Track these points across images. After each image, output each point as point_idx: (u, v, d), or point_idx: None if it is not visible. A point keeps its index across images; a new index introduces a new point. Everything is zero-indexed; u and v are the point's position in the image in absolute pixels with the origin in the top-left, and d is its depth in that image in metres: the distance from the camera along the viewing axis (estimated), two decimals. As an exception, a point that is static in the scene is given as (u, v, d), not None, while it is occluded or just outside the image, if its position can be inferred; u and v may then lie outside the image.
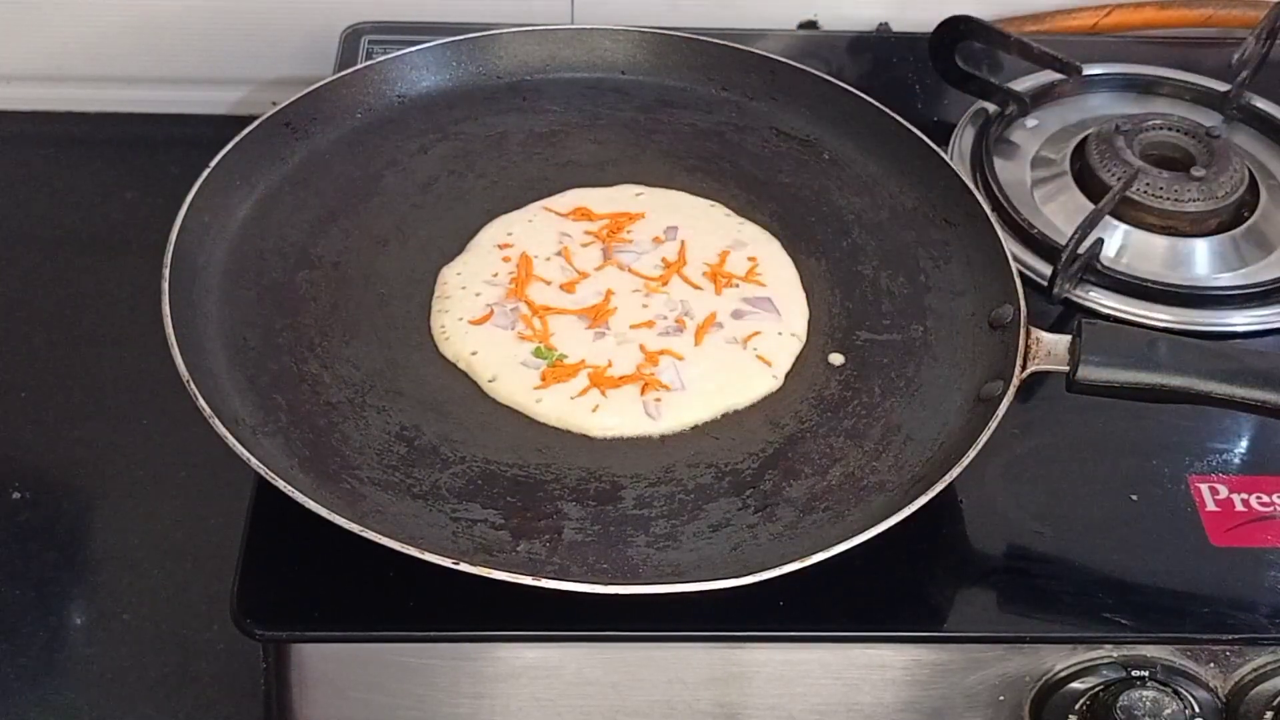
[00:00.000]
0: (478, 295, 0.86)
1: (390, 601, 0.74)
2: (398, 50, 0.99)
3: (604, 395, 0.81)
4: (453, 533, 0.74)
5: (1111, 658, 0.76)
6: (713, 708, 0.78)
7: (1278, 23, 1.07)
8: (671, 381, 0.82)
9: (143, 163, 1.15)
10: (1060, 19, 1.19)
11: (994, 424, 0.77)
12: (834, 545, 0.71)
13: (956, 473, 0.75)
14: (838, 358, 0.85)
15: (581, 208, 0.92)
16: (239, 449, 0.72)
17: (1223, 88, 1.08)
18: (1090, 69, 1.07)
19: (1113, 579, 0.78)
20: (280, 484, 0.72)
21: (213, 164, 0.88)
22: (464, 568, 0.69)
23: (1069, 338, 0.80)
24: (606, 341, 0.84)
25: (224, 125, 0.95)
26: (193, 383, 0.75)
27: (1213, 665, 0.77)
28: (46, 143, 1.18)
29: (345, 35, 1.11)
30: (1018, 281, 0.85)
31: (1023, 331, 0.81)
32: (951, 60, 1.06)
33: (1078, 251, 0.90)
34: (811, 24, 1.20)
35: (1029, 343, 0.81)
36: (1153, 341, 0.79)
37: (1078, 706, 0.76)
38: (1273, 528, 0.81)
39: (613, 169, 0.96)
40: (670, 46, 1.02)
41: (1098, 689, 0.76)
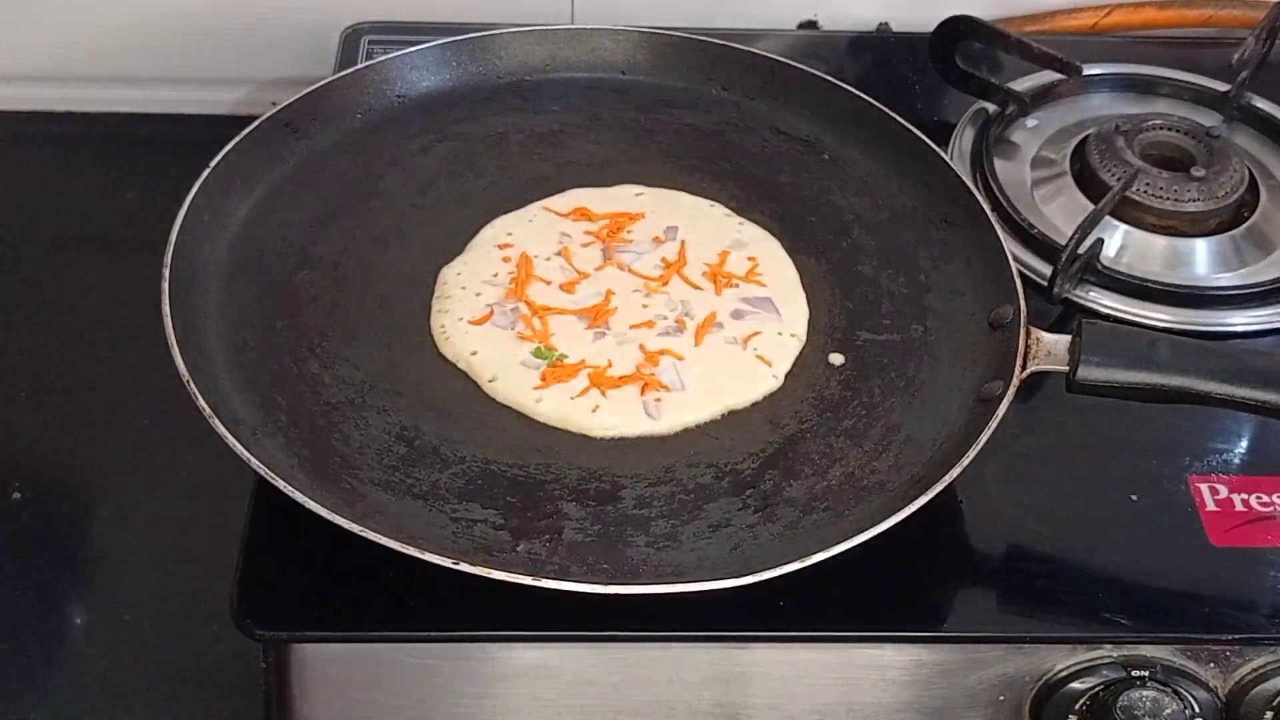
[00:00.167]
0: (478, 295, 0.86)
1: (390, 601, 0.74)
2: (398, 50, 0.99)
3: (604, 395, 0.81)
4: (453, 533, 0.74)
5: (1111, 658, 0.76)
6: (713, 708, 0.78)
7: (1278, 23, 1.07)
8: (671, 381, 0.82)
9: (143, 163, 1.15)
10: (1060, 19, 1.19)
11: (994, 424, 0.77)
12: (834, 545, 0.71)
13: (956, 473, 0.75)
14: (838, 358, 0.85)
15: (581, 208, 0.92)
16: (239, 449, 0.72)
17: (1223, 88, 1.08)
18: (1090, 69, 1.07)
19: (1113, 579, 0.78)
20: (280, 484, 0.72)
21: (213, 164, 0.88)
22: (464, 568, 0.69)
23: (1069, 338, 0.80)
24: (606, 341, 0.84)
25: (224, 125, 0.95)
26: (193, 383, 0.75)
27: (1213, 665, 0.77)
28: (46, 143, 1.18)
29: (345, 35, 1.11)
30: (1018, 281, 0.85)
31: (1023, 331, 0.81)
32: (951, 60, 1.06)
33: (1078, 251, 0.90)
34: (811, 24, 1.20)
35: (1029, 343, 0.81)
36: (1153, 341, 0.79)
37: (1078, 706, 0.76)
38: (1273, 528, 0.81)
39: (613, 169, 0.96)
40: (670, 46, 1.02)
41: (1098, 689, 0.76)
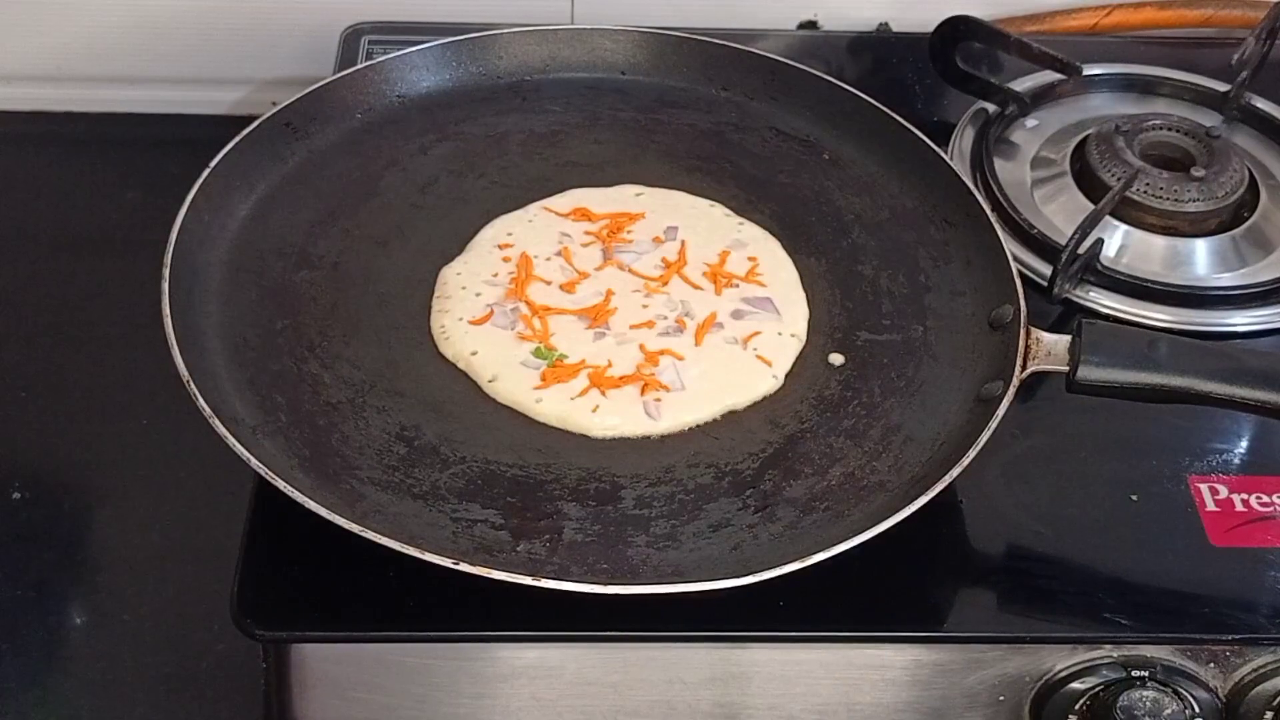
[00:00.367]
0: (478, 295, 0.86)
1: (390, 601, 0.74)
2: (398, 50, 0.99)
3: (604, 395, 0.81)
4: (453, 533, 0.74)
5: (1111, 658, 0.76)
6: (713, 708, 0.78)
7: (1278, 23, 1.07)
8: (671, 381, 0.82)
9: (143, 163, 1.15)
10: (1060, 19, 1.19)
11: (994, 424, 0.77)
12: (834, 545, 0.71)
13: (956, 473, 0.75)
14: (838, 358, 0.85)
15: (581, 208, 0.92)
16: (239, 449, 0.72)
17: (1223, 88, 1.08)
18: (1090, 69, 1.07)
19: (1113, 579, 0.78)
20: (280, 484, 0.72)
21: (213, 164, 0.88)
22: (464, 568, 0.69)
23: (1069, 338, 0.80)
24: (606, 341, 0.84)
25: (224, 125, 0.95)
26: (193, 383, 0.75)
27: (1213, 665, 0.77)
28: (46, 143, 1.18)
29: (345, 35, 1.11)
30: (1018, 281, 0.85)
31: (1023, 331, 0.81)
32: (951, 60, 1.06)
33: (1078, 251, 0.90)
34: (811, 24, 1.20)
35: (1029, 343, 0.81)
36: (1153, 341, 0.79)
37: (1078, 706, 0.76)
38: (1273, 528, 0.81)
39: (613, 169, 0.96)
40: (670, 46, 1.02)
41: (1098, 689, 0.76)
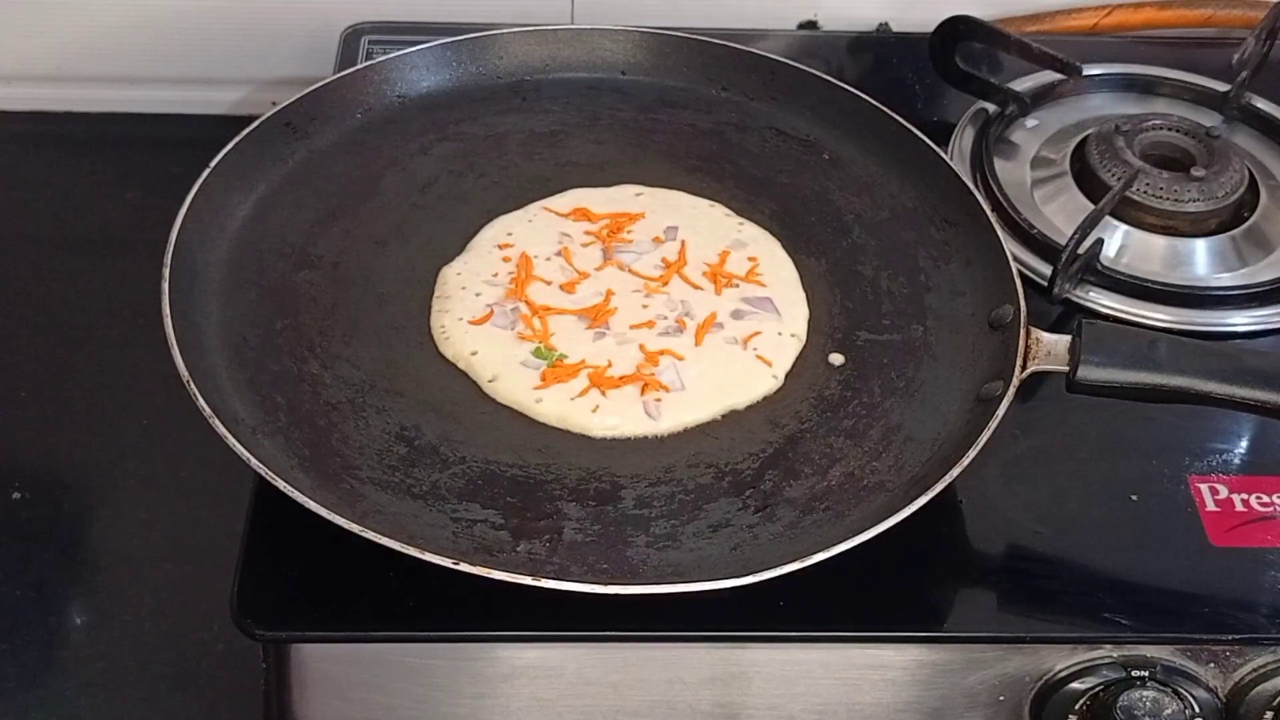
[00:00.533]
0: (478, 295, 0.86)
1: (390, 601, 0.74)
2: (398, 50, 0.99)
3: (604, 395, 0.81)
4: (453, 533, 0.74)
5: (1111, 658, 0.76)
6: (713, 708, 0.78)
7: (1278, 23, 1.07)
8: (671, 381, 0.82)
9: (143, 163, 1.15)
10: (1060, 19, 1.19)
11: (994, 424, 0.77)
12: (834, 545, 0.71)
13: (956, 473, 0.75)
14: (838, 358, 0.85)
15: (581, 208, 0.92)
16: (239, 449, 0.72)
17: (1223, 88, 1.08)
18: (1090, 69, 1.07)
19: (1113, 579, 0.78)
20: (280, 484, 0.72)
21: (213, 164, 0.88)
22: (464, 568, 0.69)
23: (1069, 338, 0.80)
24: (606, 341, 0.84)
25: (224, 125, 0.95)
26: (193, 383, 0.75)
27: (1213, 665, 0.77)
28: (46, 143, 1.18)
29: (345, 35, 1.11)
30: (1018, 281, 0.85)
31: (1023, 331, 0.81)
32: (951, 60, 1.06)
33: (1078, 251, 0.90)
34: (811, 24, 1.20)
35: (1029, 343, 0.81)
36: (1153, 341, 0.79)
37: (1078, 706, 0.76)
38: (1273, 528, 0.81)
39: (613, 169, 0.96)
40: (670, 46, 1.02)
41: (1098, 689, 0.76)
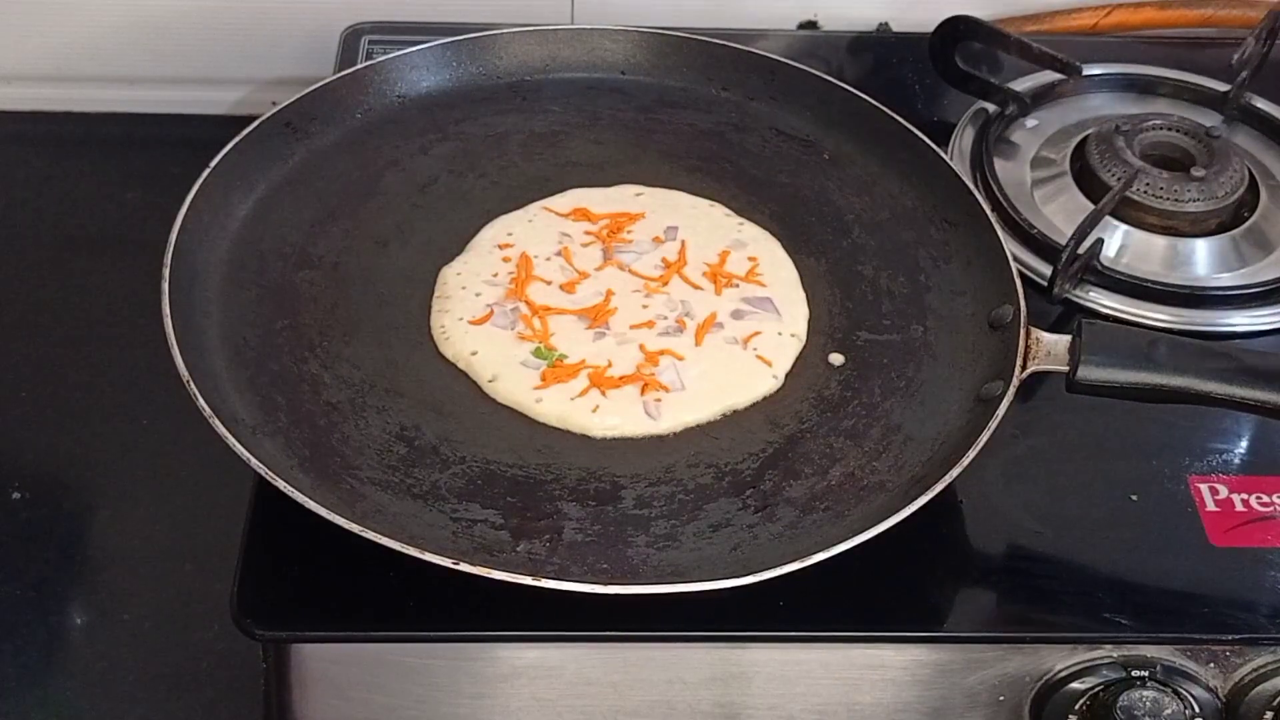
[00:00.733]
0: (478, 295, 0.86)
1: (390, 601, 0.74)
2: (398, 50, 0.99)
3: (604, 395, 0.81)
4: (453, 533, 0.74)
5: (1111, 658, 0.76)
6: (713, 708, 0.78)
7: (1278, 23, 1.07)
8: (671, 382, 0.82)
9: (143, 163, 1.15)
10: (1060, 19, 1.19)
11: (994, 424, 0.77)
12: (834, 545, 0.71)
13: (956, 473, 0.75)
14: (838, 358, 0.85)
15: (581, 208, 0.92)
16: (239, 449, 0.72)
17: (1223, 88, 1.08)
18: (1090, 69, 1.07)
19: (1113, 579, 0.78)
20: (280, 484, 0.72)
21: (213, 164, 0.88)
22: (464, 568, 0.69)
23: (1069, 338, 0.80)
24: (606, 341, 0.84)
25: (224, 125, 0.95)
26: (193, 383, 0.75)
27: (1213, 665, 0.77)
28: (46, 143, 1.18)
29: (345, 35, 1.11)
30: (1018, 281, 0.85)
31: (1023, 331, 0.81)
32: (951, 60, 1.06)
33: (1078, 251, 0.90)
34: (811, 24, 1.20)
35: (1029, 343, 0.81)
36: (1153, 341, 0.79)
37: (1078, 706, 0.76)
38: (1273, 528, 0.81)
39: (613, 169, 0.96)
40: (670, 46, 1.02)
41: (1098, 689, 0.76)
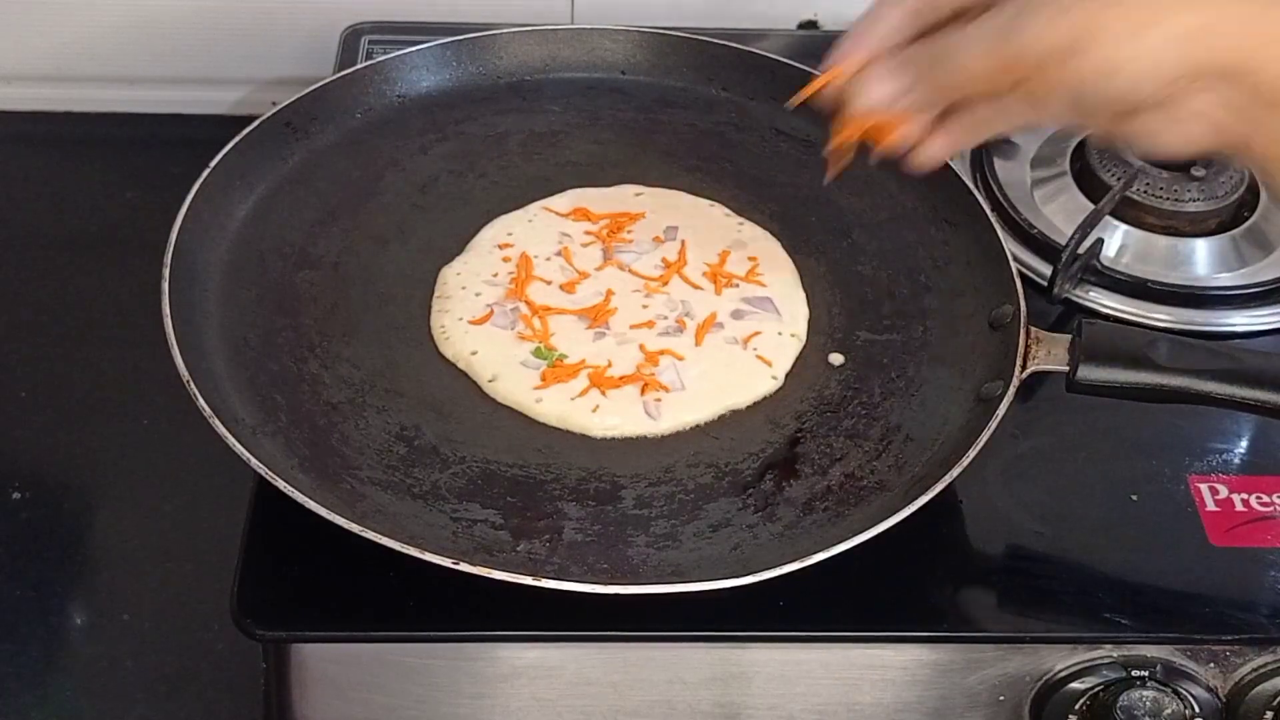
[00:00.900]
0: (478, 295, 0.86)
1: (390, 601, 0.74)
2: (398, 50, 0.99)
3: (604, 395, 0.81)
4: (453, 533, 0.74)
5: (1111, 658, 0.76)
6: (713, 708, 0.78)
7: (1278, 23, 1.07)
8: (671, 382, 0.82)
9: (143, 163, 1.15)
10: (1060, 19, 1.19)
11: (994, 424, 0.77)
12: (834, 545, 0.71)
13: (956, 473, 0.75)
14: (838, 358, 0.85)
15: (581, 208, 0.92)
16: (239, 449, 0.72)
17: (1223, 88, 1.08)
18: (1090, 69, 1.07)
19: (1113, 579, 0.78)
20: (280, 484, 0.72)
21: (213, 164, 0.88)
22: (464, 568, 0.69)
23: (1069, 338, 0.80)
24: (606, 341, 0.84)
25: (224, 125, 0.95)
26: (193, 383, 0.75)
27: (1213, 665, 0.77)
28: (46, 143, 1.18)
29: (345, 35, 1.11)
30: (1018, 281, 0.85)
31: (1023, 331, 0.81)
32: (951, 60, 1.05)
33: (1078, 251, 0.90)
34: (811, 24, 1.20)
35: (1029, 343, 0.81)
36: (1153, 341, 0.79)
37: (1078, 706, 0.76)
38: (1273, 528, 0.81)
39: (613, 169, 0.96)
40: (670, 46, 1.02)
41: (1098, 689, 0.76)
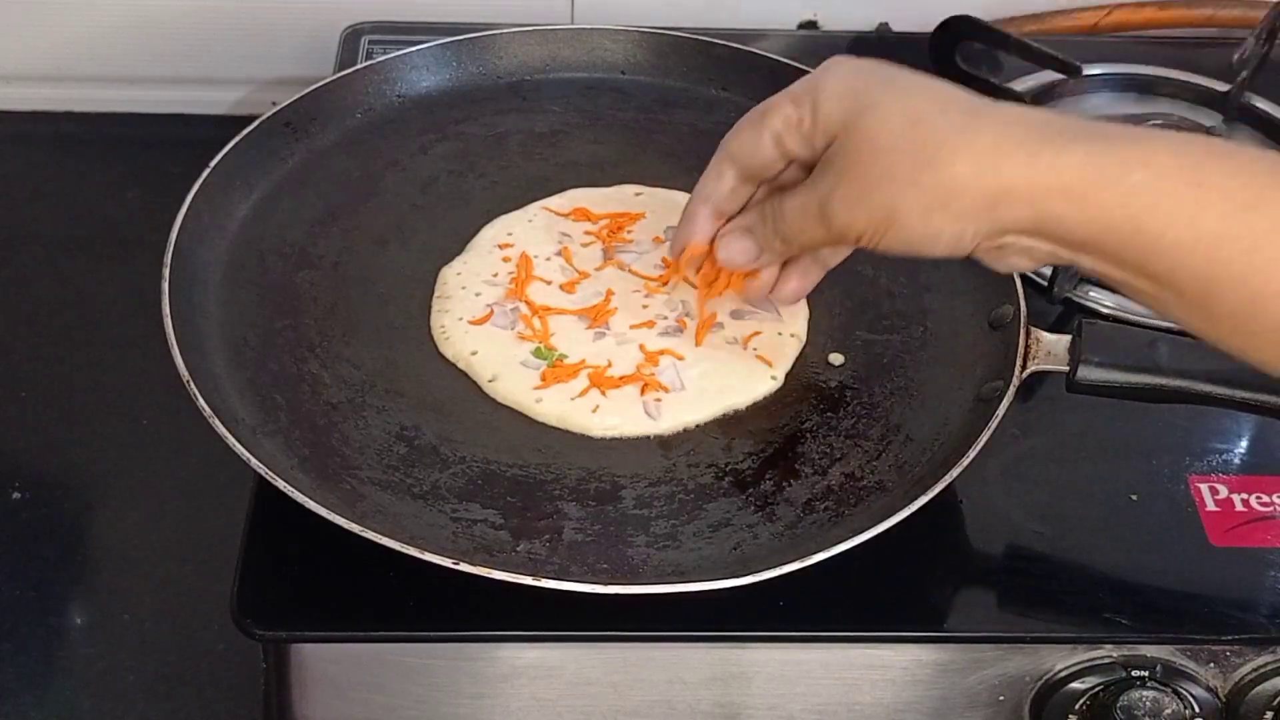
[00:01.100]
0: (478, 295, 0.86)
1: (390, 601, 0.74)
2: (398, 50, 0.99)
3: (604, 395, 0.81)
4: (453, 533, 0.74)
5: (1111, 658, 0.76)
6: (713, 708, 0.78)
7: (1278, 23, 1.07)
8: (671, 382, 0.82)
9: (143, 163, 1.15)
10: (1060, 19, 1.19)
11: (994, 424, 0.77)
12: (834, 545, 0.71)
13: (956, 473, 0.75)
14: (838, 358, 0.85)
15: (581, 208, 0.92)
16: (239, 449, 0.72)
17: (1223, 88, 1.08)
18: (1090, 69, 1.07)
19: (1113, 579, 0.78)
20: (280, 484, 0.72)
21: (213, 164, 0.88)
22: (464, 568, 0.69)
23: (1069, 338, 0.80)
24: (606, 341, 0.84)
25: (224, 125, 0.95)
26: (193, 383, 0.75)
27: (1213, 665, 0.77)
28: (46, 143, 1.18)
29: (345, 35, 1.11)
30: (1018, 281, 0.85)
31: (1023, 331, 0.81)
32: (951, 60, 1.06)
33: (1078, 251, 0.90)
34: (811, 24, 1.20)
35: (1029, 343, 0.81)
36: (1153, 341, 0.79)
37: (1078, 706, 0.76)
38: (1273, 528, 0.81)
39: (613, 169, 0.96)
40: (670, 46, 1.02)
41: (1098, 689, 0.76)
